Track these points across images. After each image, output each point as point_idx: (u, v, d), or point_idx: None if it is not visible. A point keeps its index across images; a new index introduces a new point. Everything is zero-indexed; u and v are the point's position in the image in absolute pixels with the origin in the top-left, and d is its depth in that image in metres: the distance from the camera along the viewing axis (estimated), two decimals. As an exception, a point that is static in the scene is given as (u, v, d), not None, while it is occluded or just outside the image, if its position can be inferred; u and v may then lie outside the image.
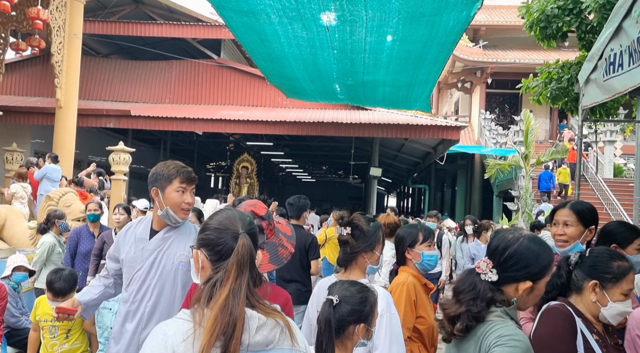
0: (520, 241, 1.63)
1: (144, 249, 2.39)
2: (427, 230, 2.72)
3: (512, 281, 1.60)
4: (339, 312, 1.72)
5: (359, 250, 2.38)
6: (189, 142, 23.81)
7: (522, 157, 14.31)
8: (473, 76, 22.77)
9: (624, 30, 2.87)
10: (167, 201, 2.36)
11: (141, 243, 2.41)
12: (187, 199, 2.40)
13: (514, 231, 1.72)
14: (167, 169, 2.40)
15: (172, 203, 2.36)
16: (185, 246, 2.38)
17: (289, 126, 15.32)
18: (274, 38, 5.03)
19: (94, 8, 16.77)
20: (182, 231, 2.45)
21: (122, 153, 9.78)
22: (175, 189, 2.37)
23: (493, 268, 1.61)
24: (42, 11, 10.24)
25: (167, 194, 2.36)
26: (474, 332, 1.58)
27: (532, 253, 1.61)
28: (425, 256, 2.63)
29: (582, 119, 4.10)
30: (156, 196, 2.39)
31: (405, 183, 33.27)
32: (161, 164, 2.46)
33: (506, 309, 1.58)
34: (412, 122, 14.81)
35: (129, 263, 2.40)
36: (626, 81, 2.89)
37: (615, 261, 1.88)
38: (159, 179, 2.39)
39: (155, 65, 18.18)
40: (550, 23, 5.85)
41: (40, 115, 14.65)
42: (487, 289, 1.59)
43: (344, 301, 1.73)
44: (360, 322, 1.73)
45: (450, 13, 4.02)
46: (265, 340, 1.24)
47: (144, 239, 2.42)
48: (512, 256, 1.61)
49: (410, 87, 6.53)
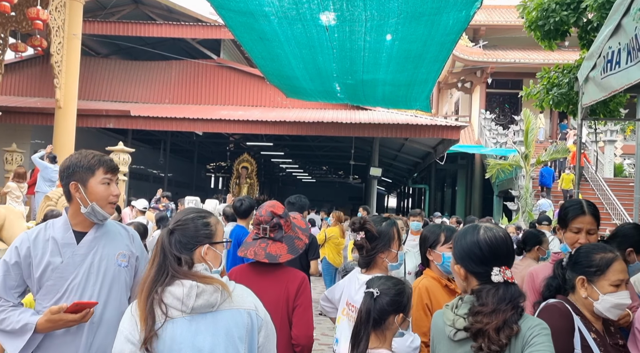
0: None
1: (75, 254, 2.06)
2: (449, 231, 2.68)
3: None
4: (379, 303, 1.87)
5: (375, 252, 2.46)
6: (189, 142, 23.82)
7: (522, 157, 14.31)
8: (473, 75, 22.76)
9: (623, 27, 2.87)
10: (91, 196, 2.07)
11: (68, 248, 2.07)
12: (114, 192, 2.13)
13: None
14: (86, 160, 2.10)
15: (98, 197, 2.07)
16: (121, 243, 2.17)
17: (288, 126, 15.32)
18: (274, 37, 5.03)
19: (94, 8, 16.77)
20: (109, 227, 2.19)
21: (121, 153, 9.79)
22: (100, 181, 2.09)
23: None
24: (41, 11, 10.24)
25: (91, 187, 2.07)
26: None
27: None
28: (446, 258, 2.58)
29: (581, 117, 4.09)
30: (76, 191, 2.08)
31: (405, 183, 33.27)
32: (76, 154, 2.14)
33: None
34: (412, 122, 14.80)
35: (58, 274, 2.03)
36: (622, 78, 2.88)
37: (598, 254, 1.91)
38: (78, 172, 2.08)
39: (154, 65, 18.18)
40: (548, 18, 5.83)
41: (39, 115, 14.65)
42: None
43: (384, 293, 1.89)
44: (399, 312, 1.89)
45: (449, 12, 4.01)
46: (208, 303, 1.54)
47: (71, 243, 2.07)
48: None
49: (410, 86, 6.52)
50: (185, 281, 1.53)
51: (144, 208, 7.63)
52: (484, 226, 1.71)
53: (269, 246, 2.43)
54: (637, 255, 2.48)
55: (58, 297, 2.02)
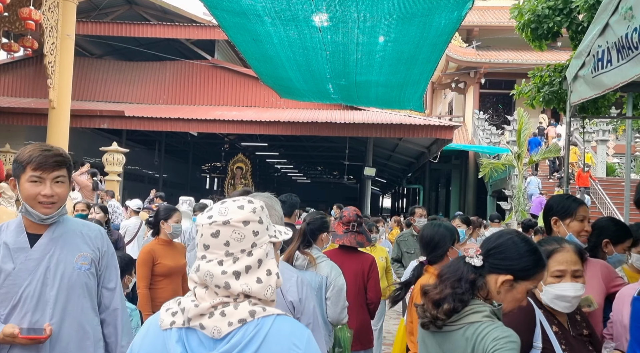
0: (510, 237, 1.69)
1: (28, 259, 1.91)
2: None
3: (494, 271, 1.64)
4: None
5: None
6: (183, 143, 23.78)
7: (515, 156, 14.39)
8: (467, 76, 22.86)
9: (611, 26, 2.90)
10: (22, 195, 1.92)
11: (21, 253, 1.92)
12: (43, 191, 1.90)
13: (512, 230, 1.78)
14: (22, 155, 1.93)
15: (25, 195, 1.90)
16: (82, 244, 2.02)
17: (283, 126, 15.33)
18: (267, 38, 5.05)
19: (87, 9, 16.71)
20: (68, 227, 2.02)
21: (115, 153, 9.78)
22: (28, 179, 1.90)
23: (480, 254, 1.66)
24: (34, 12, 10.20)
25: (21, 185, 1.92)
26: (462, 331, 1.56)
27: (517, 249, 1.65)
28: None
29: (570, 115, 4.14)
30: (14, 188, 1.96)
31: (399, 183, 33.35)
32: (23, 148, 2.00)
33: (494, 309, 1.60)
34: (405, 122, 14.85)
35: (11, 281, 1.89)
36: (616, 77, 2.91)
37: (544, 246, 1.94)
38: (16, 168, 1.94)
39: (149, 66, 18.14)
40: (541, 23, 5.88)
41: (33, 116, 14.60)
42: (469, 271, 1.63)
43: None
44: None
45: (441, 13, 4.05)
46: (301, 264, 2.86)
47: (24, 247, 1.93)
48: (498, 246, 1.67)
49: (403, 87, 6.56)
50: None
51: (138, 207, 7.65)
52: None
53: (357, 237, 3.56)
54: (614, 246, 2.57)
55: (13, 305, 1.91)
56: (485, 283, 1.64)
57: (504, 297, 1.64)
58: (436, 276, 1.73)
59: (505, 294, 1.63)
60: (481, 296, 1.62)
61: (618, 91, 5.23)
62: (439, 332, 1.63)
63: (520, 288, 1.63)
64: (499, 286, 1.62)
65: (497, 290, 1.62)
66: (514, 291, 1.63)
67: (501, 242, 1.66)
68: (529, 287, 1.65)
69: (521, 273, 1.63)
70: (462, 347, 1.55)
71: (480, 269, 1.64)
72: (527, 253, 1.64)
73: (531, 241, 1.71)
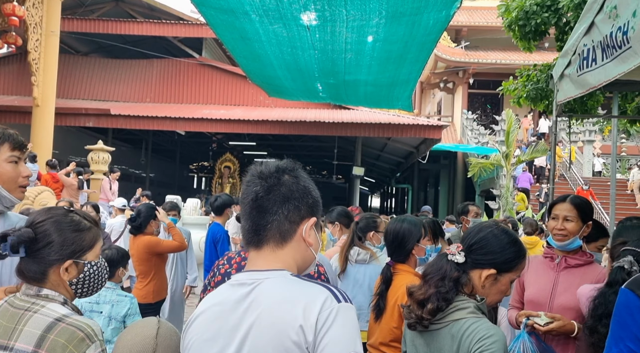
0: (490, 230, 1.69)
1: None
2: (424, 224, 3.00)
3: (477, 266, 1.64)
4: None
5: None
6: (170, 142, 23.57)
7: (503, 156, 14.48)
8: (455, 76, 22.97)
9: (596, 25, 2.91)
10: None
11: None
12: (24, 172, 1.77)
13: (492, 223, 1.77)
14: None
15: (5, 178, 1.72)
16: None
17: (271, 125, 15.27)
18: (255, 37, 5.01)
19: (72, 5, 16.49)
20: (12, 220, 1.80)
21: (101, 152, 9.66)
22: (7, 159, 1.73)
23: (461, 251, 1.66)
24: (17, 7, 10.03)
25: None
26: (448, 328, 1.57)
27: (498, 243, 1.66)
28: (428, 251, 2.81)
29: (556, 114, 4.15)
30: None
31: (388, 183, 33.42)
32: None
33: (478, 304, 1.60)
34: (394, 122, 14.87)
35: None
36: (600, 75, 2.92)
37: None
38: None
39: (135, 64, 17.96)
40: (529, 20, 5.90)
41: (16, 114, 14.36)
42: (452, 269, 1.63)
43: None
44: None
45: (430, 13, 4.04)
46: (363, 259, 3.19)
47: None
48: (479, 241, 1.67)
49: (392, 86, 6.56)
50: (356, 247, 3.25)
51: (123, 206, 7.59)
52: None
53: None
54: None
55: None
56: (470, 279, 1.64)
57: (489, 291, 1.65)
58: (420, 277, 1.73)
59: (490, 288, 1.65)
60: (466, 292, 1.63)
61: (605, 90, 5.27)
62: (426, 331, 1.63)
63: (504, 280, 1.65)
64: (483, 280, 1.63)
65: (482, 284, 1.63)
66: (498, 284, 1.65)
67: (482, 236, 1.67)
68: (512, 278, 1.66)
69: (504, 265, 1.64)
70: (448, 345, 1.56)
71: (463, 265, 1.64)
72: (508, 245, 1.65)
73: (511, 232, 1.72)
